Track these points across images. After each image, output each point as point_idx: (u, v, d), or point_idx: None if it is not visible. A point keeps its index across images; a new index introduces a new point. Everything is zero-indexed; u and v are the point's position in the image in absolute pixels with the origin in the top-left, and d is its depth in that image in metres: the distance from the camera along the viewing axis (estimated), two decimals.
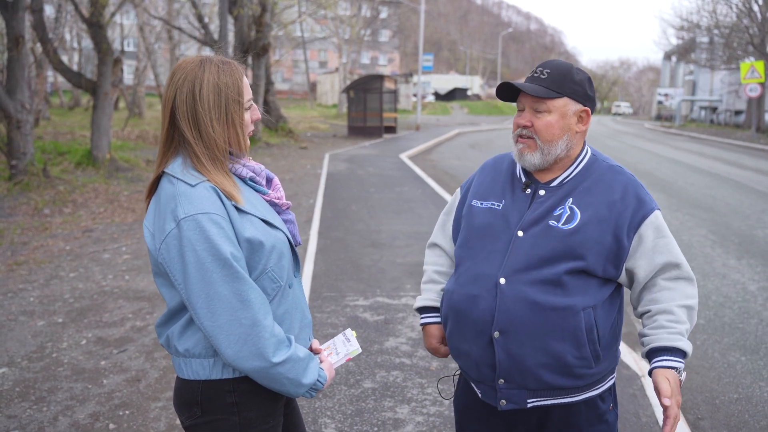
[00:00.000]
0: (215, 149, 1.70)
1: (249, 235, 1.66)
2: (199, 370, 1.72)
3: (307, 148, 21.09)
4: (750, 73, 27.95)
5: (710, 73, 47.45)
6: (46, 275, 6.41)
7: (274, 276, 1.73)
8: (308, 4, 30.31)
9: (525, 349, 1.86)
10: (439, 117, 48.94)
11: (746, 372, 4.45)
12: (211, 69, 1.70)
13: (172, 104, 1.70)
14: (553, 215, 1.90)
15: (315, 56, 67.48)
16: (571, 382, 1.89)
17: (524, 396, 1.91)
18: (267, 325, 1.64)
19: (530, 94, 1.89)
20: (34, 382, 4.06)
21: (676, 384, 1.76)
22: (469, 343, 1.95)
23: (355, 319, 5.15)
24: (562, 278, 1.85)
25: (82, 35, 31.76)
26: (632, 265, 1.89)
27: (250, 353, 1.62)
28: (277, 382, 1.68)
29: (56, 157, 13.22)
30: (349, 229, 8.57)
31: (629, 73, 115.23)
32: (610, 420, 2.02)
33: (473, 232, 2.02)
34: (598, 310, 1.88)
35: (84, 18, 13.13)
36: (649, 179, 14.29)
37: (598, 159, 2.01)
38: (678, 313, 1.84)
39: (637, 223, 1.88)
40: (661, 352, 1.82)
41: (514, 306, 1.85)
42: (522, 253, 1.88)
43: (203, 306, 1.60)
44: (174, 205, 1.63)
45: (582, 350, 1.86)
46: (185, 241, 1.59)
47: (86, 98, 31.73)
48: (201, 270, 1.59)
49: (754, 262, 7.19)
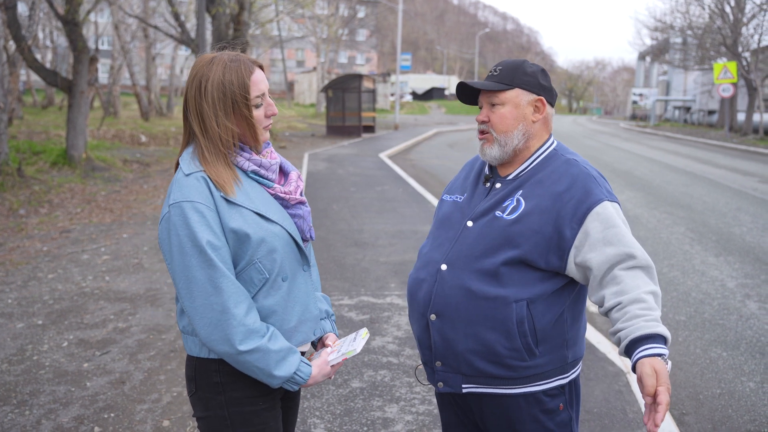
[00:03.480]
0: (219, 143, 1.78)
1: (234, 226, 1.74)
2: (192, 347, 1.85)
3: (285, 147, 20.98)
4: (723, 74, 28.37)
5: (684, 73, 48.08)
6: (24, 277, 6.29)
7: (261, 268, 1.78)
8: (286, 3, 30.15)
9: (457, 333, 1.94)
10: (418, 116, 49.00)
11: (728, 367, 4.52)
12: (217, 66, 1.78)
13: (185, 99, 1.82)
14: (501, 206, 1.97)
15: (292, 55, 67.20)
16: (504, 372, 1.93)
17: (459, 381, 1.99)
18: (236, 313, 1.71)
19: (484, 90, 2.01)
20: (15, 385, 3.99)
21: (665, 371, 1.65)
22: (415, 324, 2.07)
23: (341, 319, 5.13)
24: (499, 269, 1.90)
25: (55, 33, 31.29)
26: (583, 258, 1.86)
27: (219, 338, 1.71)
28: (247, 369, 1.76)
29: (31, 156, 12.99)
30: (330, 228, 8.54)
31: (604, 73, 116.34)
32: (560, 420, 2.00)
33: (436, 222, 2.15)
34: (537, 304, 1.90)
35: (59, 16, 12.91)
36: (627, 178, 14.45)
37: (558, 153, 2.03)
38: (649, 301, 1.77)
39: (581, 216, 1.87)
40: (642, 342, 1.70)
41: (450, 292, 1.94)
42: (467, 242, 1.97)
43: (184, 287, 1.72)
44: (170, 191, 1.77)
45: (512, 342, 1.90)
46: (171, 225, 1.72)
47: (60, 97, 31.29)
48: (181, 254, 1.70)
49: (732, 259, 7.30)
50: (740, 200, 11.51)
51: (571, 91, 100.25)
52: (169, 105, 32.27)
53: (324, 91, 28.79)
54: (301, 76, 57.00)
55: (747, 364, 4.56)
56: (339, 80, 28.22)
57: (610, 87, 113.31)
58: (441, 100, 69.74)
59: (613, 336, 1.80)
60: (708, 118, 42.64)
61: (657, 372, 1.62)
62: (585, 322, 2.10)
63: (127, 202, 10.53)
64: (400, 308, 5.40)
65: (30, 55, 12.94)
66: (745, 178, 14.87)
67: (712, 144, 27.62)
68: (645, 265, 1.84)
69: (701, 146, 26.79)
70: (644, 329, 1.71)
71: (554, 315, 1.93)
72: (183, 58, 38.70)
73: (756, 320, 5.39)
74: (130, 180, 12.87)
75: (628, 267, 1.82)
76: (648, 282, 1.81)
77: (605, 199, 1.89)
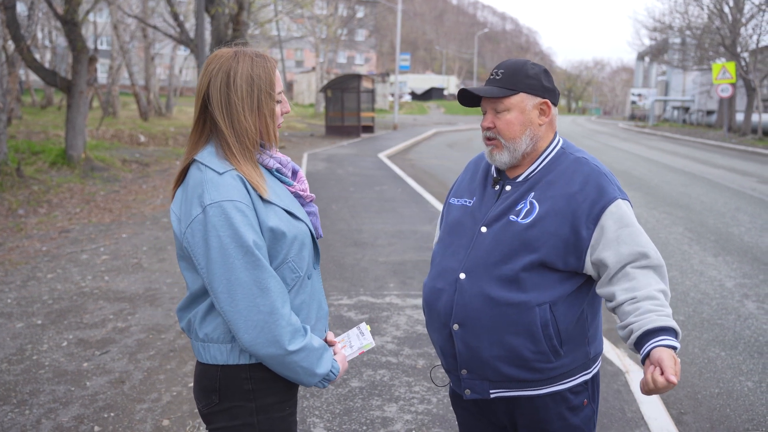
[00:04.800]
0: (246, 139, 1.75)
1: (272, 225, 1.71)
2: (216, 354, 1.76)
3: (285, 147, 20.98)
4: (721, 74, 28.40)
5: (683, 73, 48.10)
6: (23, 276, 6.29)
7: (294, 266, 1.77)
8: (285, 3, 30.17)
9: (481, 342, 1.93)
10: (417, 117, 49.01)
11: (726, 367, 4.53)
12: (245, 60, 1.75)
13: (205, 93, 1.75)
14: (514, 210, 1.95)
15: (291, 55, 67.18)
16: (531, 375, 1.94)
17: (486, 387, 1.98)
18: (284, 313, 1.68)
19: (487, 97, 1.97)
20: (14, 384, 3.99)
21: (679, 363, 1.66)
22: (435, 334, 2.06)
23: (340, 318, 5.14)
24: (519, 275, 1.89)
25: (54, 33, 31.25)
26: (598, 257, 1.88)
27: (267, 340, 1.66)
28: (290, 371, 1.72)
29: (30, 156, 12.98)
30: (330, 228, 8.55)
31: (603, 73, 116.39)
32: (585, 415, 2.03)
33: (446, 228, 2.12)
34: (558, 306, 1.90)
35: (58, 15, 12.91)
36: (626, 178, 14.47)
37: (566, 151, 2.03)
38: (661, 299, 1.81)
39: (596, 215, 1.88)
40: (657, 333, 1.71)
41: (471, 301, 1.93)
42: (483, 249, 1.95)
43: (224, 291, 1.65)
44: (201, 191, 1.67)
45: (538, 345, 1.90)
46: (210, 226, 1.64)
47: (59, 97, 31.21)
48: (223, 255, 1.63)
49: (731, 259, 7.32)
50: (739, 200, 11.53)
51: (570, 92, 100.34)
52: (168, 105, 32.21)
53: (323, 91, 28.80)
54: (300, 76, 56.99)
55: (745, 364, 4.57)
56: (338, 80, 28.23)
57: (608, 87, 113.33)
58: (440, 100, 69.73)
59: (623, 330, 1.81)
60: (707, 119, 42.68)
61: (675, 360, 1.64)
62: (601, 317, 2.11)
63: (126, 202, 10.53)
64: (399, 308, 5.41)
65: (29, 54, 12.93)
66: (743, 178, 14.89)
67: (711, 144, 27.65)
68: (657, 264, 1.88)
69: (700, 146, 26.82)
70: (659, 322, 1.74)
71: (576, 314, 1.94)
72: (182, 58, 38.71)
73: (754, 320, 5.41)
74: (129, 180, 12.86)
75: (642, 266, 1.86)
76: (659, 281, 1.85)
77: (618, 197, 1.91)
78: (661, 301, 1.80)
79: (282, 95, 1.82)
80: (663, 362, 1.63)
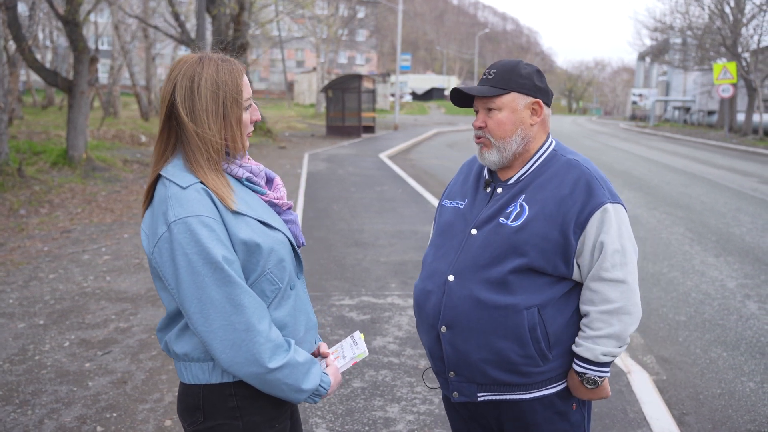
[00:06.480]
0: (210, 147, 1.66)
1: (244, 237, 1.62)
2: (198, 373, 1.69)
3: (285, 147, 20.99)
4: (722, 74, 28.40)
5: (683, 73, 48.08)
6: (25, 277, 6.30)
7: (273, 278, 1.68)
8: (286, 3, 30.17)
9: (469, 344, 1.92)
10: (417, 117, 49.00)
11: (728, 367, 4.53)
12: (210, 65, 1.67)
13: (169, 100, 1.66)
14: (504, 213, 1.95)
15: (292, 55, 67.20)
16: (519, 379, 1.93)
17: (474, 390, 1.98)
18: (262, 329, 1.60)
19: (478, 96, 1.97)
20: (17, 385, 4.00)
21: (581, 385, 1.95)
22: (424, 336, 2.06)
23: (342, 319, 5.15)
24: (507, 278, 1.89)
25: (55, 33, 31.26)
26: (580, 262, 1.91)
27: (245, 359, 1.58)
28: (275, 388, 1.64)
29: (31, 156, 12.98)
30: (331, 228, 8.55)
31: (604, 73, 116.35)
32: (574, 420, 2.02)
33: (438, 229, 2.12)
34: (547, 309, 1.90)
35: (59, 16, 12.91)
36: (626, 178, 14.47)
37: (558, 153, 2.01)
38: (593, 319, 1.90)
39: (583, 221, 1.88)
40: (583, 361, 1.93)
41: (459, 303, 1.92)
42: (472, 251, 1.95)
43: (196, 311, 1.57)
44: (165, 208, 1.60)
45: (526, 349, 1.89)
46: (176, 244, 1.56)
47: (60, 97, 31.25)
48: (192, 274, 1.55)
49: (732, 260, 7.32)
50: (740, 200, 11.53)
51: (571, 92, 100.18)
52: None
53: (324, 92, 28.80)
54: (301, 76, 56.99)
55: (747, 364, 4.57)
56: (339, 80, 28.23)
57: (609, 87, 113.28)
58: (440, 101, 69.71)
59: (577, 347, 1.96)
60: (707, 119, 42.66)
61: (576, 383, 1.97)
62: None
63: (128, 202, 10.54)
64: (400, 308, 5.41)
65: (30, 55, 12.94)
66: (744, 179, 14.89)
67: (712, 144, 27.64)
68: (615, 279, 1.88)
69: (700, 146, 26.81)
70: (582, 351, 1.92)
71: (565, 318, 1.93)
72: None
73: (756, 320, 5.41)
74: (130, 180, 12.87)
75: (601, 278, 1.89)
76: (607, 299, 1.88)
77: (607, 202, 1.89)
78: (591, 322, 1.91)
79: (251, 101, 1.75)
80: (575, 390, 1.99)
